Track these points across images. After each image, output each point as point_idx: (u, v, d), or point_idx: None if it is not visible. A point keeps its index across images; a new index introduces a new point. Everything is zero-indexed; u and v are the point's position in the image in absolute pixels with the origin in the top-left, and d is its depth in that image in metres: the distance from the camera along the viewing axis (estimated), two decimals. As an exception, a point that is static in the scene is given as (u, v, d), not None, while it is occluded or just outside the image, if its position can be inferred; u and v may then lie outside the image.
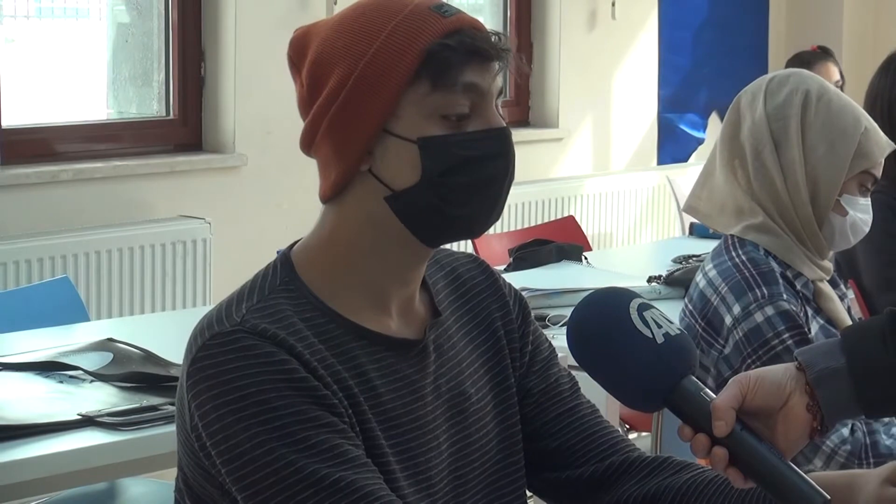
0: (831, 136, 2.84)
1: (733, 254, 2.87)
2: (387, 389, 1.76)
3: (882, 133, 2.91)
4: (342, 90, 1.73)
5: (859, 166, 2.85)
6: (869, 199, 2.90)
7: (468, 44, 1.73)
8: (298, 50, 1.80)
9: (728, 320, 2.81)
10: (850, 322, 2.90)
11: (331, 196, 1.78)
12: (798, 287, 2.86)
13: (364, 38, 1.74)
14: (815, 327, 2.84)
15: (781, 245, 2.86)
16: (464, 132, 1.73)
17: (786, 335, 2.76)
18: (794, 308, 2.79)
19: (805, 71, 2.97)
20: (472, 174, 1.73)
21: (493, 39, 1.75)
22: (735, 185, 2.91)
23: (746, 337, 2.78)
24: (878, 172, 2.89)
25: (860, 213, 2.88)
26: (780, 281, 2.81)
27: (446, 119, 1.73)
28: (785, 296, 2.79)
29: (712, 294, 2.85)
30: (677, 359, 1.67)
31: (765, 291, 2.79)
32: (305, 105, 1.78)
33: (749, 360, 2.77)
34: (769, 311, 2.77)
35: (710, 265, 2.90)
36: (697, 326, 2.87)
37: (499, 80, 1.77)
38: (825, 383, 1.69)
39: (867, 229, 2.92)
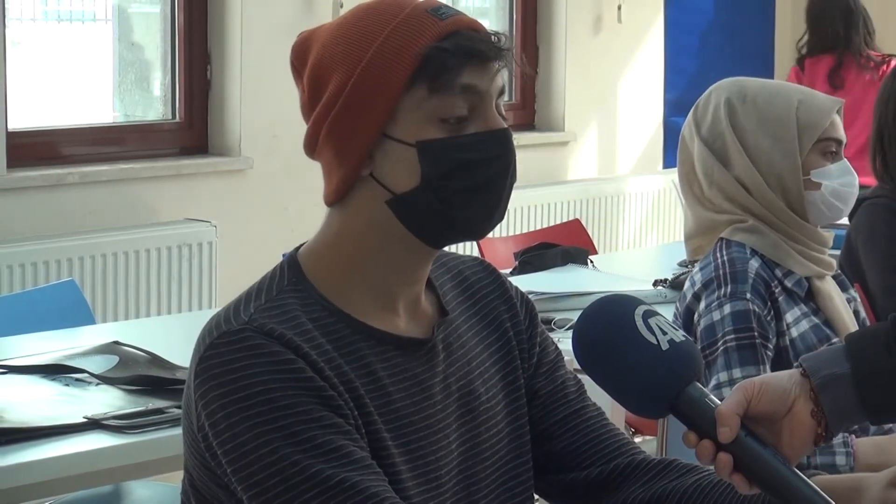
0: (769, 127, 2.82)
1: (718, 254, 2.86)
2: (395, 389, 1.76)
3: (821, 95, 2.87)
4: (340, 96, 1.74)
5: (810, 139, 2.81)
6: (843, 161, 2.85)
7: (465, 46, 1.73)
8: (300, 55, 1.81)
9: (695, 317, 2.81)
10: (850, 323, 2.88)
11: (334, 200, 1.78)
12: (789, 285, 2.84)
13: (361, 43, 1.74)
14: (802, 326, 2.81)
15: (769, 243, 2.84)
16: (462, 135, 1.73)
17: (730, 336, 2.72)
18: (757, 309, 2.75)
19: (724, 80, 2.95)
20: (471, 177, 1.74)
21: (492, 39, 1.75)
22: (710, 213, 2.89)
23: (702, 335, 2.76)
24: (838, 133, 2.84)
25: (837, 180, 2.84)
26: (750, 280, 2.77)
27: (445, 122, 1.73)
28: (749, 295, 2.75)
29: (690, 292, 2.85)
30: (682, 365, 1.67)
31: (728, 290, 2.76)
32: (307, 110, 1.79)
33: None
34: (726, 308, 2.75)
35: (697, 267, 2.90)
36: (679, 325, 2.88)
37: (499, 80, 1.76)
38: (830, 389, 1.69)
39: (853, 190, 2.88)
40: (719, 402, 1.67)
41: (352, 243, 1.78)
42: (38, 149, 5.18)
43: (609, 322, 1.69)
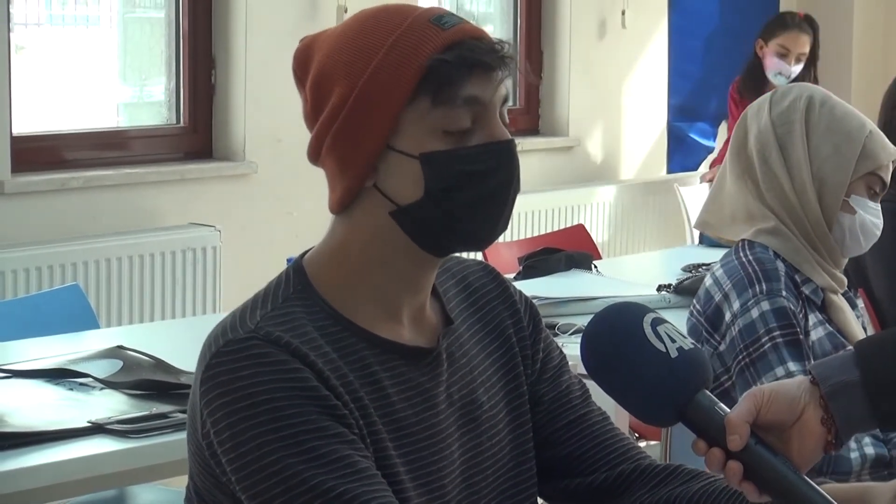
0: (835, 138, 2.89)
1: (741, 254, 2.91)
2: (399, 398, 1.76)
3: (887, 138, 2.94)
4: (343, 108, 1.73)
5: (865, 167, 2.89)
6: (879, 204, 2.93)
7: (467, 57, 1.72)
8: (301, 64, 1.80)
9: (727, 317, 2.84)
10: (861, 335, 2.90)
11: (338, 210, 1.78)
12: (806, 293, 2.87)
13: (363, 54, 1.73)
14: (819, 333, 2.85)
15: (791, 248, 2.89)
16: (466, 146, 1.73)
17: (776, 332, 2.78)
18: (793, 307, 2.81)
19: (809, 84, 3.03)
20: (475, 188, 1.73)
21: (495, 48, 1.74)
22: (746, 193, 2.95)
23: (741, 333, 2.81)
24: (886, 176, 2.92)
25: (870, 216, 2.91)
26: (783, 278, 2.84)
27: (448, 134, 1.72)
28: (784, 293, 2.82)
29: (716, 292, 2.89)
30: (691, 373, 1.67)
31: (764, 287, 2.82)
32: (310, 119, 1.78)
33: (740, 357, 2.80)
34: (765, 306, 2.80)
35: (718, 265, 2.95)
36: (700, 324, 2.90)
37: (502, 89, 1.76)
38: (839, 397, 1.69)
39: (878, 233, 2.94)
40: (728, 409, 1.67)
41: (356, 252, 1.77)
42: (42, 153, 5.18)
43: (618, 329, 1.69)
